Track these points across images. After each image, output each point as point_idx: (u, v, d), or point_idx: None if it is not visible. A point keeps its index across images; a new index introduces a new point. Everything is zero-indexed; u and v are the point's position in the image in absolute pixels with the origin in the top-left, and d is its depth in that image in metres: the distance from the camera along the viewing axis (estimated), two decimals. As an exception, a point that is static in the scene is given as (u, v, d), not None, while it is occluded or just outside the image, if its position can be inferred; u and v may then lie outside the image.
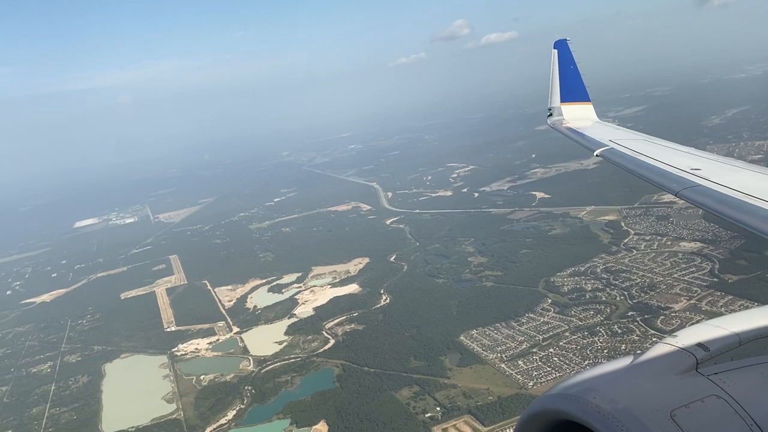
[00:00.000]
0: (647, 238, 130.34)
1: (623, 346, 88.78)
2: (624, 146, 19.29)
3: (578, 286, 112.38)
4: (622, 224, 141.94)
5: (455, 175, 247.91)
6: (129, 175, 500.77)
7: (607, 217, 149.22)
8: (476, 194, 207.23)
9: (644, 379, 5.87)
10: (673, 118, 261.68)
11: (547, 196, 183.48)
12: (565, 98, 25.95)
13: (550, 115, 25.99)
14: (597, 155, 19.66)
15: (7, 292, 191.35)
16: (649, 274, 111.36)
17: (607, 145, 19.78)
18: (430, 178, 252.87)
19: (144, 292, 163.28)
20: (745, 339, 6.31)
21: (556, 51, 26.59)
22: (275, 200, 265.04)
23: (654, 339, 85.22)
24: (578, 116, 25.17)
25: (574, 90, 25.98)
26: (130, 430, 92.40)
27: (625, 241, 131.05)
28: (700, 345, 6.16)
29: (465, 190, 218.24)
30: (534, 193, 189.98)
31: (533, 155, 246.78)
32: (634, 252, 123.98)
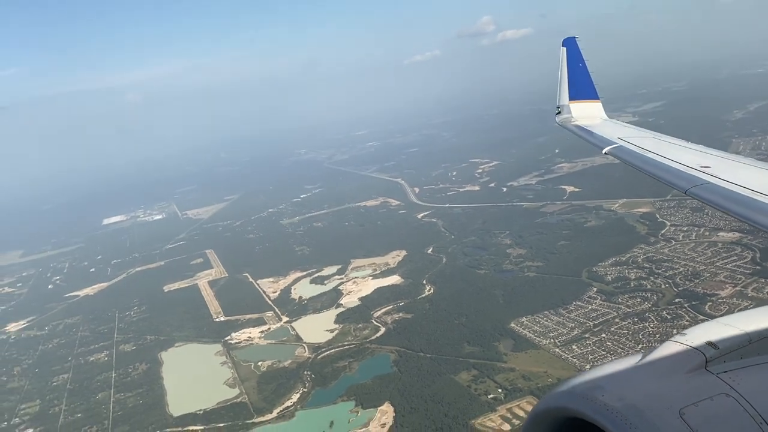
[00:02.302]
0: (684, 229, 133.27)
1: (674, 331, 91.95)
2: (633, 144, 19.40)
3: (622, 275, 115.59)
4: (657, 216, 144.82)
5: (480, 170, 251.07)
6: (146, 173, 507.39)
7: (640, 210, 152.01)
8: (504, 189, 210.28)
9: (653, 377, 5.93)
10: (694, 113, 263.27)
11: (577, 189, 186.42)
12: (573, 96, 26.01)
13: (559, 113, 26.10)
14: (605, 153, 19.77)
15: (49, 287, 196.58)
16: (691, 263, 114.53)
17: (616, 143, 19.89)
18: (455, 173, 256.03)
19: (186, 285, 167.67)
20: (755, 337, 6.34)
21: (564, 49, 26.56)
22: (302, 196, 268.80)
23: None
24: (587, 114, 25.28)
25: (582, 88, 26.03)
26: (198, 412, 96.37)
27: (663, 232, 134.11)
28: (709, 343, 6.19)
29: (492, 184, 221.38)
30: (563, 187, 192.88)
31: (556, 150, 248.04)
32: (673, 242, 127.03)
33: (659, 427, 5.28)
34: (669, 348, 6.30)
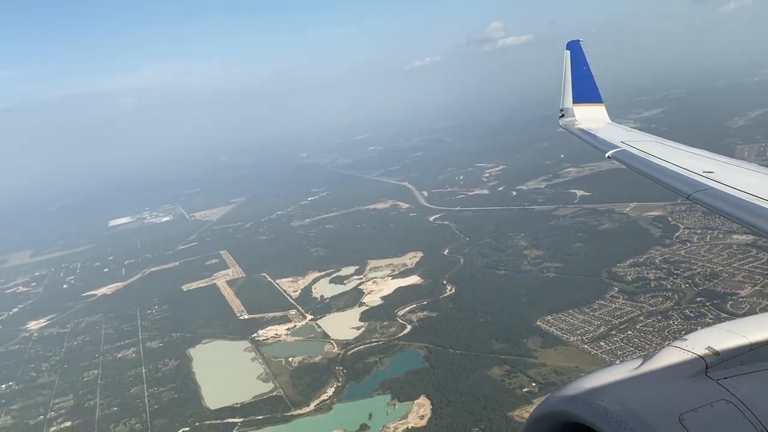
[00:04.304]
0: (698, 231, 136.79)
1: (698, 328, 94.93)
2: (636, 148, 19.38)
3: (641, 276, 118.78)
4: (670, 219, 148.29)
5: (487, 175, 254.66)
6: (149, 176, 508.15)
7: (652, 213, 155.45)
8: (514, 192, 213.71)
9: (653, 383, 5.91)
10: (695, 120, 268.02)
11: (587, 193, 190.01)
12: (577, 99, 26.05)
13: (562, 116, 26.16)
14: (608, 157, 19.69)
15: (64, 286, 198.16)
16: (709, 264, 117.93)
17: (619, 147, 19.81)
18: (462, 177, 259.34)
19: (205, 284, 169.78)
20: (757, 344, 6.34)
21: (568, 52, 26.64)
22: (309, 199, 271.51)
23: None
24: (590, 117, 25.31)
25: (586, 91, 26.13)
26: (235, 405, 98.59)
27: (677, 234, 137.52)
28: (710, 349, 6.15)
29: (501, 188, 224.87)
30: (573, 191, 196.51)
31: (562, 155, 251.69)
32: (689, 244, 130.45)
33: None
34: (669, 353, 6.28)
